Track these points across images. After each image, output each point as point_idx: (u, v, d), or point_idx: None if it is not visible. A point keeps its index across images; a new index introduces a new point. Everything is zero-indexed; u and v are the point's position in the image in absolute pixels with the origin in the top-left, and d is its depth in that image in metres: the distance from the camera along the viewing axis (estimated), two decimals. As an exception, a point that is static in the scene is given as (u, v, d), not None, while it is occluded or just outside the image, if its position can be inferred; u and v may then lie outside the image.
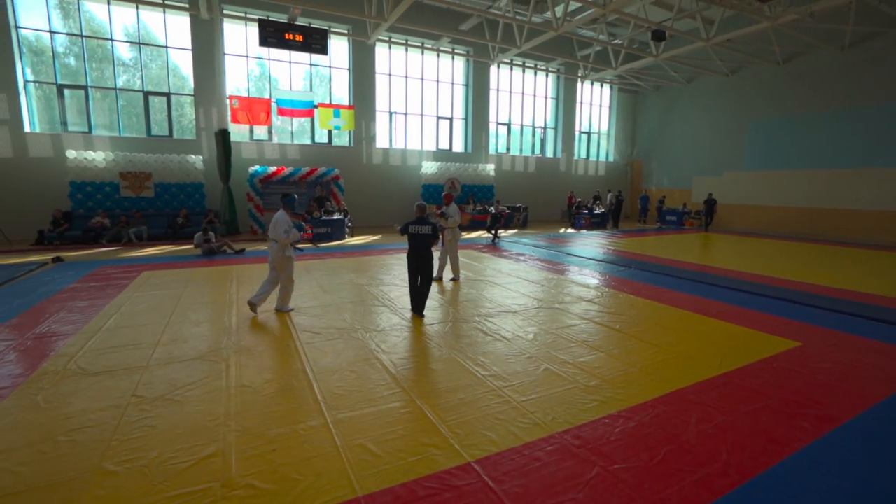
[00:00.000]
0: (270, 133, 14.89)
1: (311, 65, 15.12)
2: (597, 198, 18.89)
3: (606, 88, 22.05)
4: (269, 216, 13.70)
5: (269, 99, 14.09)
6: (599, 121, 22.27)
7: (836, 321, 5.56)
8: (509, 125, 19.51)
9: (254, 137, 14.61)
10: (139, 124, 13.27)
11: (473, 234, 14.67)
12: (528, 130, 20.20)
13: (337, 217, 12.82)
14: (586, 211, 17.80)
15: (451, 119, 18.01)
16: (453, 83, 17.84)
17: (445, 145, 18.01)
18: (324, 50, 12.81)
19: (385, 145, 16.68)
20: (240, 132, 14.29)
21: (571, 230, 16.82)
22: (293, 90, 14.50)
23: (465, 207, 16.59)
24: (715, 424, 3.07)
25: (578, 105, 20.96)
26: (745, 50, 15.98)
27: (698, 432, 2.96)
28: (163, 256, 9.54)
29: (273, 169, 13.63)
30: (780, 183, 16.77)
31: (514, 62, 18.75)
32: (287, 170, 13.77)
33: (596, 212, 17.82)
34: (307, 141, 15.47)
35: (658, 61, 16.59)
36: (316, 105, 14.63)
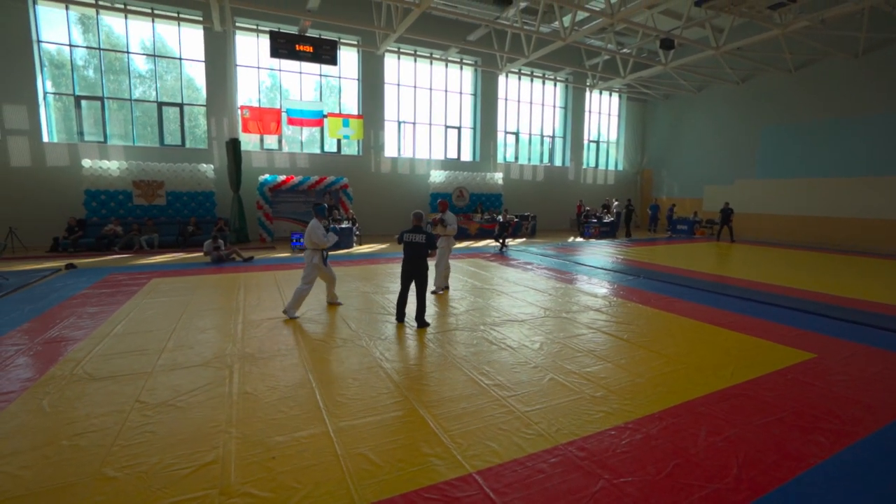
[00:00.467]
0: (280, 142, 15.10)
1: (321, 75, 15.35)
2: (605, 206, 18.77)
3: (615, 97, 22.01)
4: (279, 225, 13.97)
5: (280, 109, 14.31)
6: (608, 130, 22.21)
7: (853, 332, 5.40)
8: (517, 134, 19.54)
9: (264, 147, 14.83)
10: (153, 134, 13.56)
11: (481, 243, 14.64)
12: (537, 139, 20.20)
13: (345, 225, 12.89)
14: (595, 220, 17.69)
15: (460, 128, 18.10)
16: (461, 92, 17.96)
17: (454, 154, 18.08)
18: (333, 61, 13.01)
19: (393, 154, 16.79)
20: (250, 141, 14.51)
21: (580, 239, 16.71)
22: (303, 100, 14.71)
23: (474, 216, 16.60)
24: (725, 437, 2.97)
25: (587, 114, 20.94)
26: (756, 58, 15.86)
27: (708, 445, 2.87)
28: (172, 264, 9.66)
29: (283, 178, 13.80)
30: (793, 191, 16.52)
31: (523, 71, 18.83)
32: (296, 179, 13.93)
33: (605, 221, 17.70)
34: (316, 150, 15.65)
35: (667, 70, 16.54)
36: (325, 115, 14.81)
